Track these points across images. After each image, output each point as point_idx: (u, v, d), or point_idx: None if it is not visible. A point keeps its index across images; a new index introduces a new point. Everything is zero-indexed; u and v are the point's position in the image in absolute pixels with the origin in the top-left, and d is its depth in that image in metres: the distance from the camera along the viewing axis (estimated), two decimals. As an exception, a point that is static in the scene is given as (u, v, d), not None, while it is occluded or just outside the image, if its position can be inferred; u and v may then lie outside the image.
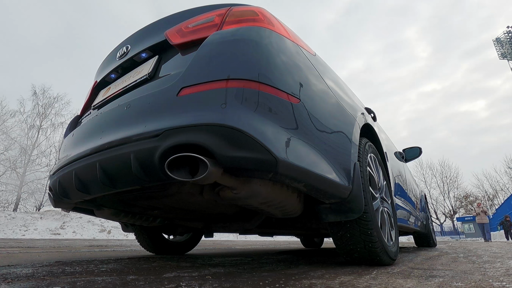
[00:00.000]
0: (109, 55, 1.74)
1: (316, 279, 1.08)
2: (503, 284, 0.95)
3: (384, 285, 0.95)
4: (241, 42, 1.12)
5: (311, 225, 1.97)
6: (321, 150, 1.18)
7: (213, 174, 0.93)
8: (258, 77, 1.04)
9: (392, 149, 2.75)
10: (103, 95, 1.58)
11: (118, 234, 9.93)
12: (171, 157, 0.92)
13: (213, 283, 0.98)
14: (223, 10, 1.30)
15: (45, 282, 0.97)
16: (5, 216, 9.71)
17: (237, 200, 1.16)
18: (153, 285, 0.94)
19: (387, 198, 1.89)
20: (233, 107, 0.97)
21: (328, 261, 1.86)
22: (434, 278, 1.11)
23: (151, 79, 1.31)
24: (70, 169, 1.33)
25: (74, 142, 1.48)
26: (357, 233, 1.40)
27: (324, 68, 1.57)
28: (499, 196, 31.95)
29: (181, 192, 1.32)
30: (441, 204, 34.19)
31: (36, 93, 18.00)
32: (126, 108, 1.21)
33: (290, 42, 1.31)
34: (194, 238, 2.80)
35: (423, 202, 4.20)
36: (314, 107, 1.23)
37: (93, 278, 1.08)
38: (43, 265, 1.45)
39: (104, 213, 1.67)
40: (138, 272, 1.27)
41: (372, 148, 1.80)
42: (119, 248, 3.54)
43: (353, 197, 1.30)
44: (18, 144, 16.17)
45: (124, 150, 1.07)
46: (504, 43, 46.28)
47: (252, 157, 0.94)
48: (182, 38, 1.30)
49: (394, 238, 1.77)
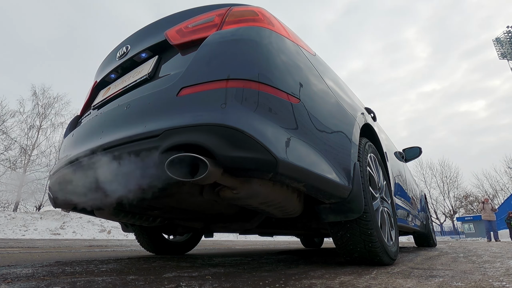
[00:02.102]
0: (109, 55, 1.74)
1: (316, 279, 1.08)
2: (503, 284, 0.95)
3: (384, 285, 0.95)
4: (241, 42, 1.12)
5: (311, 225, 1.97)
6: (321, 150, 1.18)
7: (213, 174, 0.93)
8: (258, 77, 1.04)
9: (392, 149, 2.75)
10: (103, 95, 1.58)
11: (118, 234, 9.92)
12: (171, 157, 0.92)
13: (213, 283, 0.98)
14: (223, 10, 1.30)
15: (45, 282, 0.97)
16: (5, 216, 9.71)
17: (237, 200, 1.16)
18: (153, 285, 0.94)
19: (387, 198, 1.89)
20: (233, 107, 0.97)
21: (328, 261, 1.86)
22: (434, 278, 1.11)
23: (151, 79, 1.31)
24: (70, 169, 1.33)
25: (74, 142, 1.48)
26: (357, 233, 1.40)
27: (324, 68, 1.57)
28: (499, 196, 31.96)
29: (181, 192, 1.32)
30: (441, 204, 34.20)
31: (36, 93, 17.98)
32: (126, 108, 1.21)
33: (290, 42, 1.31)
34: (194, 238, 2.80)
35: (423, 202, 4.20)
36: (314, 107, 1.23)
37: (93, 278, 1.08)
38: (43, 265, 1.45)
39: (104, 213, 1.67)
40: (138, 272, 1.27)
41: (372, 148, 1.80)
42: (119, 248, 3.54)
43: (353, 197, 1.30)
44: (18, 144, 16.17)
45: (124, 150, 1.07)
46: (504, 43, 46.28)
47: (252, 157, 0.94)
48: (182, 38, 1.30)
49: (394, 238, 1.77)
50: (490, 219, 11.00)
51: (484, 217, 11.18)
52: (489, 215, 11.01)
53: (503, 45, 46.41)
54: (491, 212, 11.01)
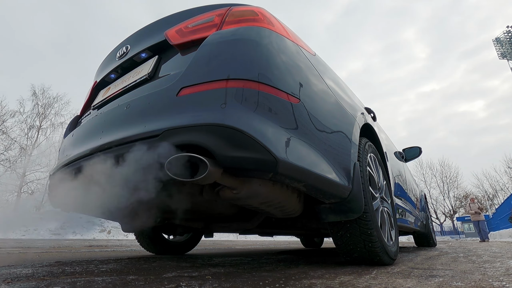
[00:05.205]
0: (109, 55, 1.74)
1: (316, 279, 1.08)
2: (503, 283, 0.95)
3: (384, 284, 0.95)
4: (241, 42, 1.12)
5: (311, 225, 1.97)
6: (321, 150, 1.18)
7: (213, 174, 0.93)
8: (258, 77, 1.03)
9: (392, 149, 2.75)
10: (103, 95, 1.58)
11: (118, 234, 9.92)
12: (171, 157, 0.92)
13: (213, 283, 0.98)
14: (222, 10, 1.30)
15: (45, 282, 0.97)
16: (5, 216, 9.69)
17: (237, 200, 1.16)
18: (153, 285, 0.94)
19: (387, 198, 1.89)
20: (233, 107, 0.97)
21: (328, 261, 1.86)
22: (434, 277, 1.11)
23: (151, 79, 1.31)
24: (70, 169, 1.33)
25: (74, 142, 1.47)
26: (357, 233, 1.40)
27: (324, 68, 1.57)
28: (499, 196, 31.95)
29: (181, 192, 1.32)
30: (441, 204, 34.18)
31: (35, 93, 17.97)
32: (126, 108, 1.20)
33: (290, 42, 1.31)
34: (194, 238, 2.80)
35: (423, 202, 4.20)
36: (314, 107, 1.23)
37: (93, 278, 1.08)
38: (43, 265, 1.45)
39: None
40: (138, 272, 1.27)
41: (372, 148, 1.80)
42: (119, 248, 3.53)
43: (353, 197, 1.30)
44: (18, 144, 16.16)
45: (124, 150, 1.07)
46: (504, 43, 46.28)
47: (252, 157, 0.94)
48: (182, 38, 1.30)
49: (394, 237, 1.77)
50: (478, 219, 10.62)
51: (472, 217, 10.82)
52: (476, 215, 10.64)
53: (503, 45, 46.41)
54: (478, 211, 10.62)
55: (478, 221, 10.61)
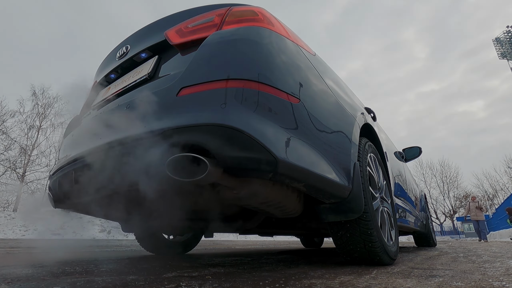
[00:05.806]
0: (109, 55, 1.74)
1: (316, 279, 1.08)
2: (503, 283, 0.96)
3: (384, 284, 0.95)
4: (241, 42, 1.12)
5: (311, 225, 1.97)
6: (321, 150, 1.18)
7: (213, 174, 0.93)
8: (258, 77, 1.03)
9: (392, 149, 2.75)
10: (103, 95, 1.58)
11: (118, 234, 9.92)
12: (171, 157, 0.92)
13: (213, 283, 0.98)
14: (222, 10, 1.30)
15: (45, 282, 0.97)
16: (5, 216, 9.70)
17: (237, 200, 1.16)
18: (153, 285, 0.94)
19: (387, 198, 1.89)
20: (233, 107, 0.97)
21: (328, 261, 1.86)
22: (434, 277, 1.11)
23: (151, 79, 1.31)
24: (70, 169, 1.33)
25: (73, 142, 1.47)
26: (357, 233, 1.40)
27: (324, 68, 1.57)
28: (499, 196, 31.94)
29: (181, 192, 1.32)
30: (441, 204, 34.16)
31: (35, 93, 17.95)
32: (126, 108, 1.20)
33: (290, 42, 1.31)
34: (194, 238, 2.80)
35: (423, 202, 4.20)
36: (314, 107, 1.23)
37: (93, 278, 1.08)
38: (43, 265, 1.45)
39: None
40: (138, 272, 1.27)
41: (372, 148, 1.80)
42: (119, 248, 3.53)
43: (353, 197, 1.30)
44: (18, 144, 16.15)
45: (124, 150, 1.07)
46: (504, 42, 46.29)
47: (252, 157, 0.94)
48: (181, 38, 1.30)
49: (394, 237, 1.77)
50: (477, 218, 10.42)
51: (471, 217, 10.62)
52: (475, 214, 10.44)
53: (503, 45, 46.40)
54: (478, 211, 10.43)
55: (477, 220, 10.45)
